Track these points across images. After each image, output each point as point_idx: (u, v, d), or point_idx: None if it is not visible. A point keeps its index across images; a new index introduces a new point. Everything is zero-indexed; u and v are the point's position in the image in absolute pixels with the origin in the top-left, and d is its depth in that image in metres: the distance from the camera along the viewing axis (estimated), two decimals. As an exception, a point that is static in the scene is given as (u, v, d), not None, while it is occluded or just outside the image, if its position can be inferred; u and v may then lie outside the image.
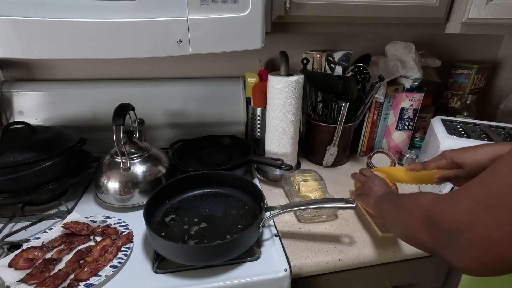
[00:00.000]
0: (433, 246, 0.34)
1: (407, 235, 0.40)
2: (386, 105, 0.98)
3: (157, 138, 0.98)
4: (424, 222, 0.36)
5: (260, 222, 0.59)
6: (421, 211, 0.36)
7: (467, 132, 0.81)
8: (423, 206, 0.37)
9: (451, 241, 0.31)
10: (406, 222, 0.40)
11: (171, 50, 0.56)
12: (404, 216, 0.41)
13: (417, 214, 0.37)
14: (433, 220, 0.34)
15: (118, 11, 0.51)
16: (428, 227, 0.35)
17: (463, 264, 0.31)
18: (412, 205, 0.40)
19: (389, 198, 0.52)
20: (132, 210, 0.71)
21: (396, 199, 0.47)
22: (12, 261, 0.55)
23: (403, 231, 0.42)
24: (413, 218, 0.38)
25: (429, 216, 0.35)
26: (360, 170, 0.73)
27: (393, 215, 0.46)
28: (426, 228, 0.35)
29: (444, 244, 0.32)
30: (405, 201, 0.42)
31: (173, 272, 0.55)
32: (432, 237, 0.34)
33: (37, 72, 0.93)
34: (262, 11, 0.59)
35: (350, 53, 0.93)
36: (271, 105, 0.80)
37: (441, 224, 0.33)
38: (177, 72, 1.00)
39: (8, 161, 0.64)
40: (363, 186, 0.65)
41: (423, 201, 0.37)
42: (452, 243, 0.31)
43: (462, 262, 0.31)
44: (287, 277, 0.56)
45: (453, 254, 0.31)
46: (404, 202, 0.42)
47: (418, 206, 0.38)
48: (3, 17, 0.47)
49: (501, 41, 1.19)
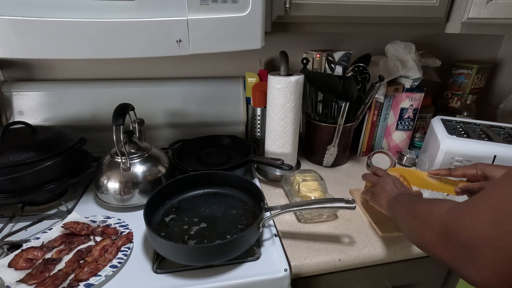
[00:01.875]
0: (451, 261, 0.32)
1: (422, 245, 0.38)
2: (386, 105, 0.98)
3: (157, 138, 0.98)
4: (441, 236, 0.33)
5: (260, 222, 0.59)
6: (437, 224, 0.34)
7: (467, 132, 0.81)
8: (439, 218, 0.34)
9: (472, 255, 0.29)
10: (421, 233, 0.38)
11: (171, 50, 0.56)
12: (419, 227, 0.39)
13: (433, 226, 0.35)
14: (451, 234, 0.32)
15: (118, 11, 0.51)
16: (445, 241, 0.33)
17: (485, 280, 0.28)
18: (427, 215, 0.37)
19: (403, 201, 0.49)
20: (132, 210, 0.71)
21: (410, 204, 0.45)
22: (12, 261, 0.55)
23: (417, 241, 0.40)
24: (429, 230, 0.36)
25: (447, 229, 0.32)
26: (372, 169, 0.70)
27: (407, 222, 0.44)
28: (443, 242, 0.33)
29: (463, 259, 0.30)
30: (420, 210, 0.40)
31: (173, 272, 0.55)
32: (449, 251, 0.32)
33: (37, 72, 0.93)
34: (262, 11, 0.59)
35: (350, 53, 0.93)
36: (271, 105, 0.80)
37: (460, 238, 0.30)
38: (177, 72, 1.00)
39: (8, 161, 0.64)
40: (375, 187, 0.63)
41: (439, 211, 0.35)
42: (473, 258, 0.29)
43: (483, 278, 0.29)
44: (287, 277, 0.56)
45: (474, 269, 0.29)
46: (419, 211, 0.40)
47: (434, 217, 0.36)
48: (3, 17, 0.47)
49: (501, 41, 1.19)
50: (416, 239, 0.41)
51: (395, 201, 0.53)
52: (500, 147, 0.71)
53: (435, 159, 0.78)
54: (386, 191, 0.58)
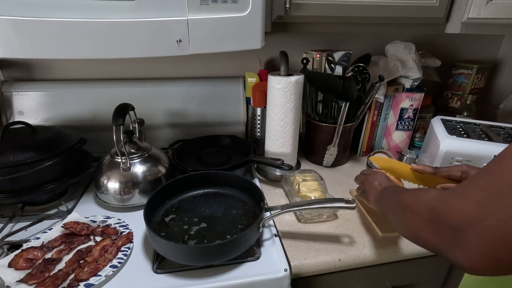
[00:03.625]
0: (439, 245, 0.32)
1: (411, 234, 0.38)
2: (386, 105, 0.98)
3: (157, 138, 0.98)
4: (429, 221, 0.33)
5: (260, 222, 0.59)
6: (426, 209, 0.34)
7: (467, 132, 0.81)
8: (427, 204, 0.34)
9: (459, 238, 0.29)
10: (410, 221, 0.38)
11: (171, 50, 0.56)
12: (407, 215, 0.39)
13: (421, 212, 0.35)
14: (439, 218, 0.32)
15: (118, 11, 0.51)
16: (434, 225, 0.33)
17: (471, 262, 0.28)
18: (414, 203, 0.38)
19: (390, 193, 0.50)
20: (132, 210, 0.71)
21: (397, 195, 0.45)
22: (12, 261, 0.55)
23: (406, 230, 0.40)
24: (417, 217, 0.36)
25: (435, 214, 0.33)
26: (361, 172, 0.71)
27: (395, 213, 0.44)
28: (432, 227, 0.33)
29: (450, 243, 0.30)
30: (407, 199, 0.40)
31: (173, 272, 0.55)
32: (437, 235, 0.32)
33: (37, 72, 0.93)
34: (262, 11, 0.59)
35: (350, 53, 0.93)
36: (271, 105, 0.80)
37: (448, 221, 0.31)
38: (177, 72, 1.00)
39: (8, 161, 0.64)
40: (364, 184, 0.64)
41: (426, 198, 0.35)
42: (460, 241, 0.29)
43: (470, 261, 0.29)
44: (287, 277, 0.56)
45: (461, 252, 0.29)
46: (406, 200, 0.40)
47: (421, 203, 0.36)
48: (3, 17, 0.47)
49: (501, 41, 1.19)
50: (405, 228, 0.40)
51: (382, 195, 0.53)
52: (500, 147, 0.71)
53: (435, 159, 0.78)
54: (373, 186, 0.58)
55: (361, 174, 0.70)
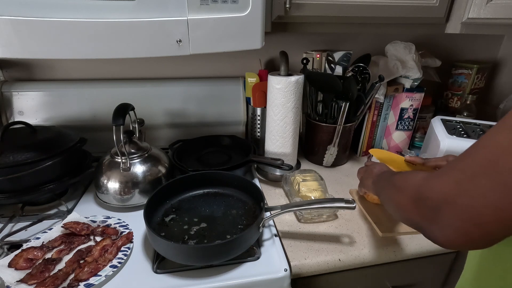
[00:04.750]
0: (420, 222, 0.35)
1: (398, 212, 0.41)
2: (386, 105, 0.98)
3: (157, 138, 0.98)
4: (414, 200, 0.36)
5: (260, 222, 0.59)
6: (412, 190, 0.37)
7: (467, 132, 0.81)
8: (414, 185, 0.37)
9: (436, 215, 0.32)
10: (398, 200, 0.40)
11: (171, 50, 0.56)
12: (396, 194, 0.41)
13: (408, 192, 0.37)
14: (422, 197, 0.34)
15: (118, 11, 0.51)
16: (418, 204, 0.35)
17: (445, 237, 0.31)
18: (404, 183, 0.40)
19: (385, 176, 0.53)
20: (132, 210, 0.71)
21: (390, 178, 0.47)
22: (12, 261, 0.55)
23: (394, 208, 0.42)
24: (404, 196, 0.38)
25: (419, 194, 0.35)
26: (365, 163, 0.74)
27: (387, 193, 0.46)
28: (416, 205, 0.35)
29: (429, 220, 0.33)
30: (398, 180, 0.43)
31: (173, 272, 0.55)
32: (419, 214, 0.35)
33: (37, 72, 0.93)
34: (262, 11, 0.59)
35: (350, 53, 0.93)
36: (271, 105, 0.80)
37: (430, 200, 0.33)
38: (177, 72, 1.00)
39: (8, 161, 0.64)
40: (365, 173, 0.66)
41: (414, 179, 0.38)
42: (437, 217, 0.31)
43: (445, 236, 0.31)
44: (287, 277, 0.56)
45: (437, 228, 0.32)
46: (397, 181, 0.43)
47: (409, 184, 0.38)
48: (3, 17, 0.47)
49: (501, 41, 1.19)
50: (392, 207, 0.43)
51: (379, 177, 0.56)
52: (500, 147, 0.71)
53: (435, 159, 0.78)
54: (372, 173, 0.62)
55: (364, 165, 0.72)
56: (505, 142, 0.28)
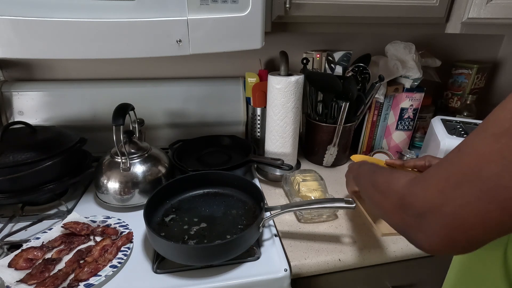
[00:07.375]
0: (405, 229, 0.35)
1: (382, 215, 0.42)
2: (386, 105, 0.98)
3: (157, 138, 0.98)
4: (398, 206, 0.36)
5: (260, 222, 0.59)
6: (396, 196, 0.37)
7: (467, 132, 0.81)
8: (397, 192, 0.37)
9: (421, 223, 0.32)
10: (381, 204, 0.41)
11: (171, 50, 0.56)
12: (379, 198, 0.42)
13: (392, 199, 0.38)
14: (406, 205, 0.35)
15: (118, 11, 0.51)
16: (402, 211, 0.36)
17: (431, 244, 0.32)
18: (386, 189, 0.41)
19: (365, 173, 0.53)
20: (132, 210, 0.71)
21: (372, 176, 0.48)
22: (12, 261, 0.55)
23: (378, 211, 0.43)
24: (387, 201, 0.39)
25: (403, 201, 0.35)
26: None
27: (369, 194, 0.47)
28: (400, 212, 0.36)
29: (414, 227, 0.33)
30: (380, 183, 0.43)
31: (173, 272, 0.55)
32: (403, 220, 0.35)
33: (37, 72, 0.93)
34: (262, 11, 0.59)
35: (350, 53, 0.93)
36: (271, 105, 0.80)
37: (414, 208, 0.33)
38: (177, 72, 1.00)
39: (8, 161, 0.64)
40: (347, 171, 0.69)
41: (397, 185, 0.38)
42: (422, 225, 0.32)
43: (430, 242, 0.32)
44: (287, 277, 0.56)
45: (422, 235, 0.32)
46: (379, 184, 0.43)
47: (392, 190, 0.39)
48: (3, 17, 0.47)
49: (501, 41, 1.19)
50: (376, 209, 0.44)
51: (359, 173, 0.57)
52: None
53: (435, 159, 0.78)
54: (352, 168, 0.64)
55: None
56: (487, 150, 0.28)
